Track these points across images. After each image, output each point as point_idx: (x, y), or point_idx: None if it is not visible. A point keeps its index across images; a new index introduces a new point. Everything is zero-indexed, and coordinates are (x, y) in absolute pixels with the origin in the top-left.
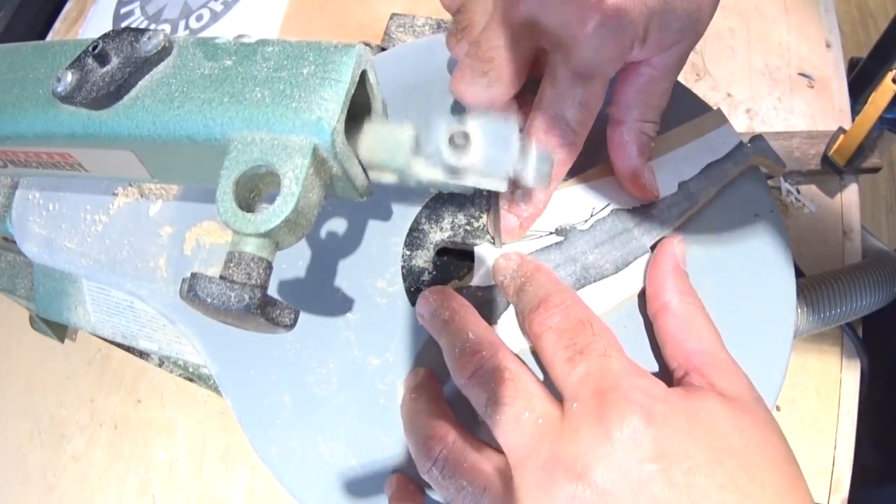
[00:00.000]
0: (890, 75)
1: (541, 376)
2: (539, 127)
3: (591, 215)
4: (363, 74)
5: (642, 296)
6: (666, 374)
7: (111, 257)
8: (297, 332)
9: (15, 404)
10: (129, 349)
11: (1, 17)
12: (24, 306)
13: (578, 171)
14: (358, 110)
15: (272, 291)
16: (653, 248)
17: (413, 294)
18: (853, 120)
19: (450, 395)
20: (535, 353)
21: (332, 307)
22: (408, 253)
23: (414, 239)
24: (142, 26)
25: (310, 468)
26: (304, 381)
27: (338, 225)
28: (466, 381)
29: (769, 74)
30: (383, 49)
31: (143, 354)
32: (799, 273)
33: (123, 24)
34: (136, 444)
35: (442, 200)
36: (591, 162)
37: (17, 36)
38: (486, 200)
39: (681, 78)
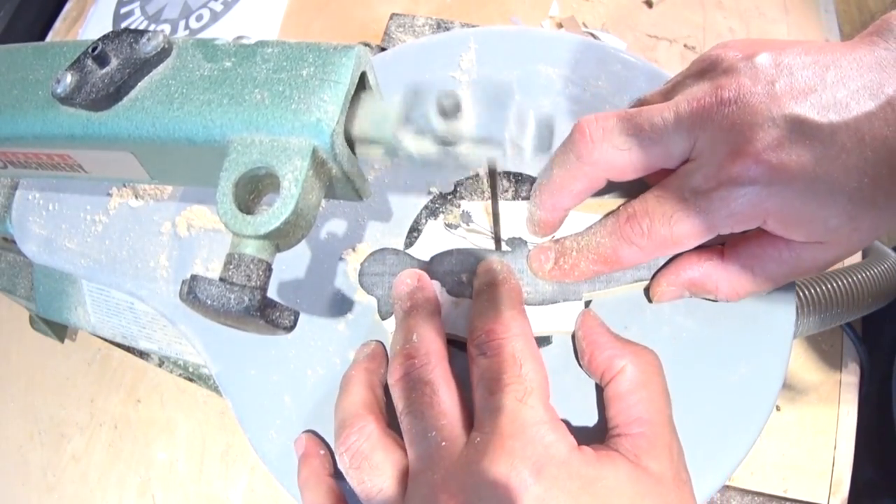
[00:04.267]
0: None
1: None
2: (620, 215)
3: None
4: (363, 76)
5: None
6: (599, 426)
7: (111, 257)
8: (298, 332)
9: (15, 404)
10: (129, 349)
11: (1, 17)
12: (24, 306)
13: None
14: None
15: (272, 293)
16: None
17: None
18: None
19: None
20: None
21: (333, 307)
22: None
23: (414, 239)
24: (142, 26)
25: None
26: (304, 382)
27: (338, 225)
28: (394, 382)
29: None
30: (383, 49)
31: (143, 354)
32: None
33: (123, 25)
34: (136, 444)
35: (442, 200)
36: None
37: (17, 36)
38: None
39: (677, 70)
